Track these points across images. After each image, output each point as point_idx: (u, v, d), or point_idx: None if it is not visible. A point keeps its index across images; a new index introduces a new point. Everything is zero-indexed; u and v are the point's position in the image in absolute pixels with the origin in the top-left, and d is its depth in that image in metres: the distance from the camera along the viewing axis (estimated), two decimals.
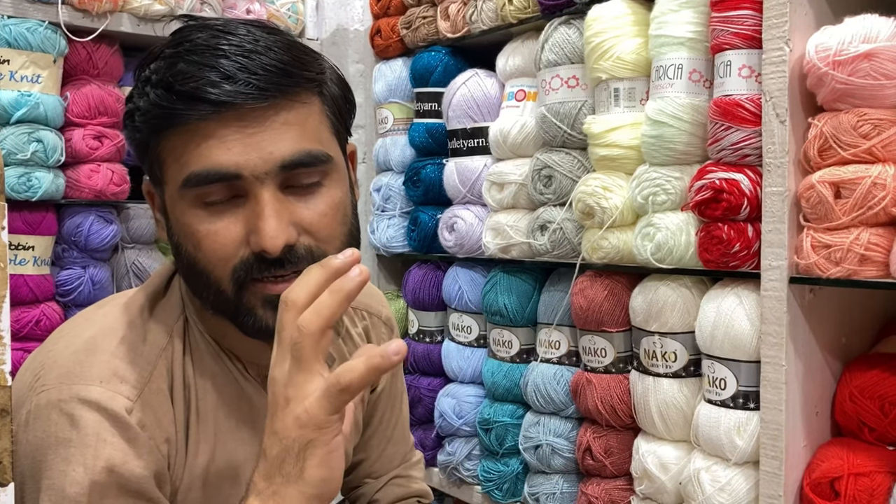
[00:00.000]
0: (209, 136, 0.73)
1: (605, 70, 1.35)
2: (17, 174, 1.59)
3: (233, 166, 0.73)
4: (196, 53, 0.73)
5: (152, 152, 0.77)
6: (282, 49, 0.75)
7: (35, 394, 0.76)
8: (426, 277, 1.81)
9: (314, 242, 0.77)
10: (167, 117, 0.73)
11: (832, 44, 1.04)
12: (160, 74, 0.74)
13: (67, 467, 0.73)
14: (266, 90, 0.72)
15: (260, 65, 0.73)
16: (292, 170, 0.75)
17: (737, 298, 1.19)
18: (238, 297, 0.76)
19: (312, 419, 0.63)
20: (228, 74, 0.72)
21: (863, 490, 1.06)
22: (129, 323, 0.81)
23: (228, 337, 0.84)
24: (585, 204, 1.37)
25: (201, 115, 0.72)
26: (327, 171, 0.78)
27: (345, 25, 2.04)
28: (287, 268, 0.75)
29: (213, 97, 0.71)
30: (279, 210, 0.74)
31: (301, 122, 0.76)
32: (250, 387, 0.85)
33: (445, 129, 1.74)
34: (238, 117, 0.73)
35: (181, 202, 0.76)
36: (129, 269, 1.83)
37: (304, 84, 0.76)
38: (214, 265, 0.76)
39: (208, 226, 0.75)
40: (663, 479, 1.29)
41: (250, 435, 0.85)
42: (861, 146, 1.03)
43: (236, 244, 0.75)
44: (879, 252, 1.03)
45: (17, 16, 1.60)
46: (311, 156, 0.76)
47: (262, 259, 0.74)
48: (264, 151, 0.73)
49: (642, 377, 1.34)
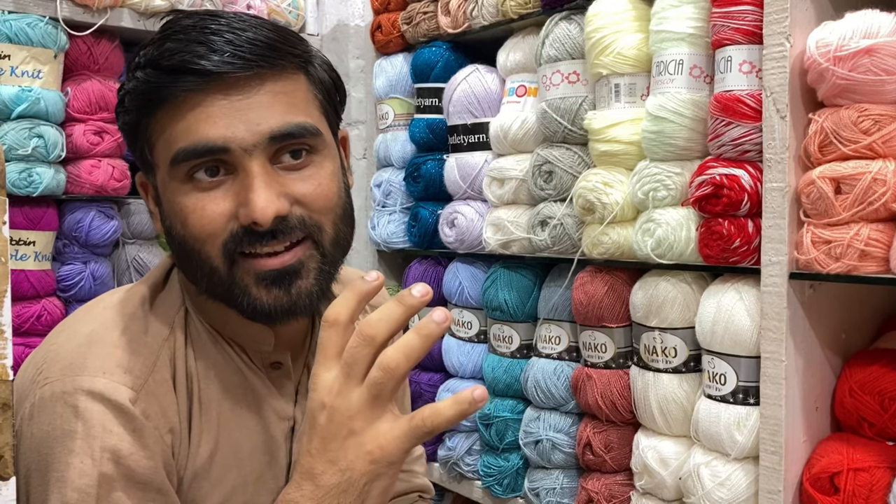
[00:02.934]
0: (195, 106, 0.73)
1: (606, 65, 1.35)
2: (18, 169, 1.59)
3: (220, 139, 0.73)
4: (183, 33, 0.74)
5: (142, 135, 0.78)
6: (268, 28, 0.76)
7: (38, 387, 0.76)
8: (427, 273, 1.82)
9: (307, 213, 0.76)
10: (154, 92, 0.74)
11: (833, 39, 1.04)
12: (148, 56, 0.75)
13: (74, 459, 0.73)
14: (252, 61, 0.73)
15: (246, 39, 0.74)
16: (281, 141, 0.75)
17: (737, 294, 1.19)
18: (231, 274, 0.76)
19: (387, 457, 0.62)
20: (215, 48, 0.72)
21: (862, 485, 1.06)
22: (131, 315, 0.81)
23: (230, 325, 0.84)
24: (586, 199, 1.37)
25: (188, 87, 0.72)
26: (317, 146, 0.78)
27: (345, 21, 2.04)
28: (280, 239, 0.75)
29: (199, 68, 0.72)
30: (269, 181, 0.74)
31: (288, 94, 0.76)
32: (253, 375, 0.85)
33: (446, 125, 1.74)
34: (224, 88, 0.73)
35: (172, 182, 0.76)
36: (129, 264, 1.83)
37: (289, 59, 0.77)
38: (203, 241, 0.75)
39: (196, 201, 0.75)
40: (663, 474, 1.30)
41: (255, 423, 0.85)
42: (861, 142, 1.03)
43: (225, 218, 0.75)
44: (879, 248, 1.03)
45: (17, 11, 1.60)
46: (300, 127, 0.76)
47: (252, 232, 0.74)
48: (251, 123, 0.73)
49: (642, 372, 1.34)
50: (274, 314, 0.77)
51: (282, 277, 0.76)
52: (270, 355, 0.86)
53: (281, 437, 0.87)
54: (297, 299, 0.77)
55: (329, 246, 0.79)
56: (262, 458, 0.86)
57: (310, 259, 0.78)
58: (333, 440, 0.63)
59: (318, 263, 0.78)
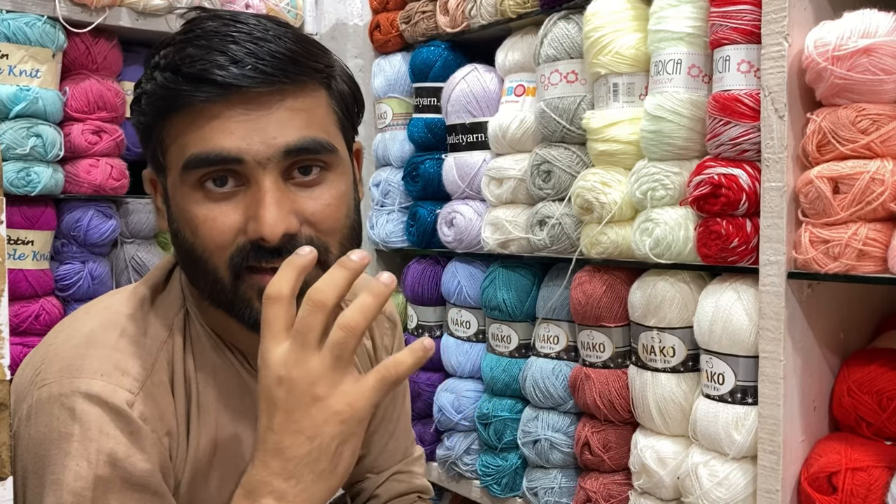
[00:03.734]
0: (213, 117, 0.72)
1: (604, 65, 1.35)
2: (16, 169, 1.59)
3: (234, 150, 0.72)
4: (205, 38, 0.73)
5: (156, 137, 0.77)
6: (291, 39, 0.75)
7: (36, 388, 0.76)
8: (425, 272, 1.82)
9: (315, 234, 0.76)
10: (173, 98, 0.73)
11: (831, 39, 1.04)
12: (168, 59, 0.74)
13: (71, 462, 0.73)
14: (273, 75, 0.72)
15: (268, 51, 0.73)
16: (296, 156, 0.74)
17: (735, 293, 1.19)
18: (234, 287, 0.76)
19: (357, 413, 0.63)
20: (236, 59, 0.72)
21: (860, 485, 1.06)
22: (130, 316, 0.81)
23: (230, 330, 0.83)
24: (584, 199, 1.37)
25: (207, 97, 0.72)
26: (332, 163, 0.78)
27: (344, 20, 2.04)
28: (285, 256, 0.75)
29: (220, 79, 0.71)
30: (280, 198, 0.73)
31: (308, 111, 0.76)
32: (252, 380, 0.85)
33: (444, 124, 1.73)
34: (244, 101, 0.72)
35: (182, 188, 0.76)
36: (128, 263, 1.83)
37: (311, 74, 0.76)
38: (212, 252, 0.75)
39: (206, 212, 0.74)
40: (661, 473, 1.30)
41: (253, 427, 0.84)
42: (860, 141, 1.03)
43: (234, 231, 0.74)
44: (878, 247, 1.03)
45: (15, 10, 1.60)
46: (315, 142, 0.75)
47: (258, 247, 0.74)
48: (268, 136, 0.73)
49: (641, 372, 1.34)
50: None
51: None
52: None
53: None
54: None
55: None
56: None
57: (313, 279, 0.77)
58: (296, 410, 0.63)
59: None
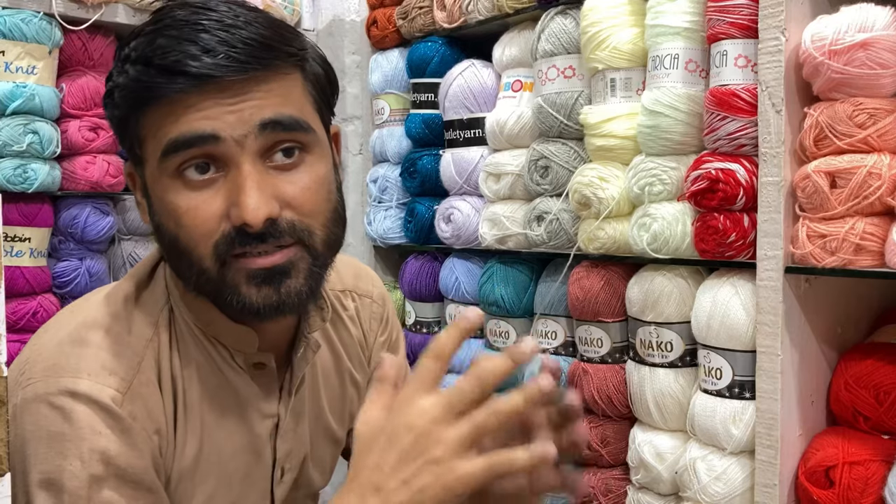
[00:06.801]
0: (188, 106, 0.72)
1: (602, 60, 1.34)
2: (13, 166, 1.59)
3: (210, 128, 0.72)
4: (175, 28, 0.73)
5: (132, 130, 0.77)
6: (262, 24, 0.75)
7: (21, 388, 0.75)
8: (423, 268, 1.81)
9: (297, 217, 0.76)
10: (146, 90, 0.73)
11: (828, 33, 1.04)
12: (139, 51, 0.73)
13: (64, 461, 0.72)
14: (246, 63, 0.72)
15: (240, 38, 0.72)
16: (272, 131, 0.74)
17: (732, 288, 1.19)
18: (221, 275, 0.75)
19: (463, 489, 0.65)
20: (208, 48, 0.71)
21: (857, 479, 1.07)
22: (114, 314, 0.80)
23: (214, 324, 0.83)
24: (582, 194, 1.37)
25: (181, 89, 0.71)
26: (309, 144, 0.77)
27: (341, 16, 2.04)
28: (269, 242, 0.74)
29: (193, 70, 0.71)
30: (261, 182, 0.73)
31: (283, 94, 0.75)
32: (236, 376, 0.84)
33: (442, 120, 1.73)
34: (218, 89, 0.72)
35: (162, 178, 0.75)
36: (125, 260, 1.83)
37: (284, 58, 0.76)
38: (196, 242, 0.75)
39: (188, 201, 0.74)
40: (659, 468, 1.30)
41: (238, 424, 0.84)
42: (857, 136, 1.03)
43: (217, 219, 0.74)
44: (875, 241, 1.04)
45: (11, 6, 1.59)
46: (292, 119, 0.75)
47: (242, 233, 0.73)
48: (244, 115, 0.73)
49: (638, 367, 1.35)
50: (262, 312, 0.76)
51: (272, 276, 0.76)
52: (254, 356, 0.85)
53: (265, 434, 0.86)
54: (286, 298, 0.76)
55: (320, 247, 0.78)
56: (247, 457, 0.85)
57: (300, 260, 0.77)
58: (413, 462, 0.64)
59: (308, 265, 0.78)
